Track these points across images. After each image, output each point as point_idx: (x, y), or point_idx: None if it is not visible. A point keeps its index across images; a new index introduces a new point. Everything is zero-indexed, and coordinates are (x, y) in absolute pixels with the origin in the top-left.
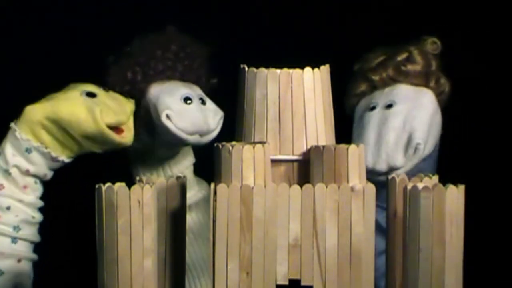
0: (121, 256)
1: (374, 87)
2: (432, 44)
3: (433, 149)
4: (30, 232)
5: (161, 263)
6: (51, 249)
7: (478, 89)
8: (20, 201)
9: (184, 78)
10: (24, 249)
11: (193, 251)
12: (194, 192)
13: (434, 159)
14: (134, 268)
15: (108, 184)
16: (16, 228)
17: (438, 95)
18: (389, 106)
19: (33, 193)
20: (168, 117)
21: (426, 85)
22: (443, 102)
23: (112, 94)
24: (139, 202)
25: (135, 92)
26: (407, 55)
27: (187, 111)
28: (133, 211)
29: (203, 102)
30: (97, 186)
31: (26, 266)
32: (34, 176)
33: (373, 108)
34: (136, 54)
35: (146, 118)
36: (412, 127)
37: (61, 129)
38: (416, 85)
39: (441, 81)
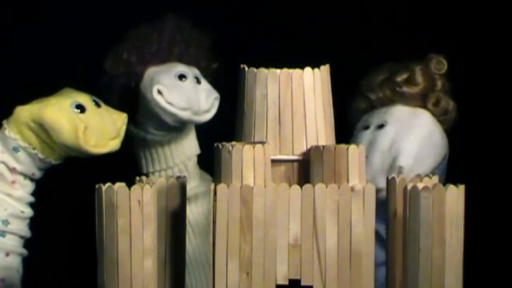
0: (121, 256)
1: (373, 106)
2: (438, 64)
3: (436, 170)
4: (19, 227)
5: (161, 263)
6: (50, 246)
7: (477, 89)
8: (9, 195)
9: (181, 60)
10: (12, 243)
11: (189, 244)
12: (194, 185)
13: (439, 174)
14: (134, 268)
15: (108, 184)
16: (5, 222)
17: (440, 115)
18: (381, 126)
19: (22, 189)
20: (159, 92)
21: (424, 106)
22: (449, 121)
23: (104, 108)
24: (139, 202)
25: (131, 75)
26: (408, 75)
27: (179, 86)
28: (133, 211)
29: (198, 81)
30: (97, 186)
31: (14, 260)
32: (21, 174)
33: (367, 127)
34: (132, 38)
35: (143, 104)
36: (397, 150)
37: (46, 132)
38: (414, 105)
39: (442, 103)
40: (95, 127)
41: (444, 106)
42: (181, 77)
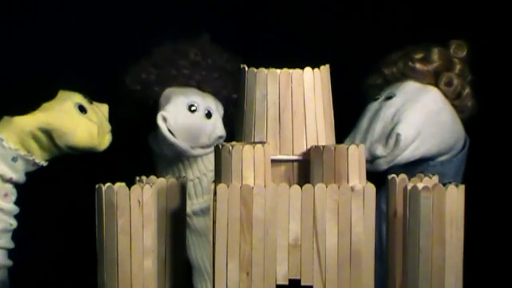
0: (121, 256)
1: (388, 81)
2: (457, 48)
3: (450, 154)
4: (7, 240)
5: (161, 263)
6: (50, 247)
7: (477, 88)
8: (1, 210)
9: (200, 87)
10: (2, 258)
11: (205, 254)
12: (208, 197)
13: (457, 165)
14: (134, 268)
15: (108, 184)
16: None
17: (454, 98)
18: (389, 98)
19: (11, 200)
20: (164, 119)
21: (436, 84)
22: (465, 109)
23: (94, 104)
24: (139, 202)
25: (148, 93)
26: (424, 54)
27: (185, 117)
28: (133, 211)
29: (208, 115)
30: (97, 186)
31: (4, 274)
32: (14, 183)
33: (377, 99)
34: (155, 56)
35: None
36: (398, 119)
37: (49, 138)
38: (426, 83)
39: (455, 84)
40: (98, 123)
41: (457, 88)
42: (191, 107)
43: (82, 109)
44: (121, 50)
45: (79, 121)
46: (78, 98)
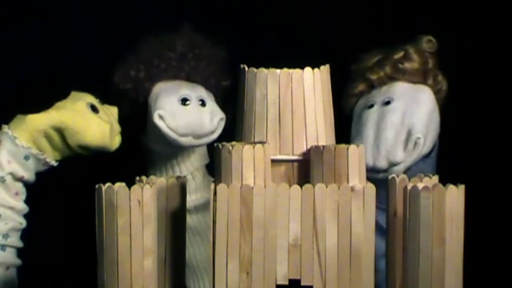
0: (121, 256)
1: (372, 86)
2: (428, 43)
3: (432, 150)
4: (16, 239)
5: (161, 263)
6: (49, 247)
7: (477, 88)
8: (11, 208)
9: (190, 78)
10: (11, 256)
11: (198, 252)
12: (201, 194)
13: (434, 160)
14: (134, 268)
15: (108, 184)
16: (5, 236)
17: (436, 93)
18: (387, 103)
19: (21, 199)
20: (160, 117)
21: (424, 82)
22: (441, 101)
23: (104, 106)
24: (139, 202)
25: (139, 90)
26: (403, 53)
27: (181, 112)
28: (133, 211)
29: (203, 103)
30: (97, 186)
31: (13, 273)
32: (25, 182)
33: (372, 106)
34: (142, 52)
35: (151, 118)
36: (411, 122)
37: (61, 137)
38: (414, 82)
39: (439, 79)
40: (109, 122)
41: (441, 83)
42: (184, 101)
43: (94, 109)
44: (119, 53)
45: (91, 120)
46: (89, 99)
